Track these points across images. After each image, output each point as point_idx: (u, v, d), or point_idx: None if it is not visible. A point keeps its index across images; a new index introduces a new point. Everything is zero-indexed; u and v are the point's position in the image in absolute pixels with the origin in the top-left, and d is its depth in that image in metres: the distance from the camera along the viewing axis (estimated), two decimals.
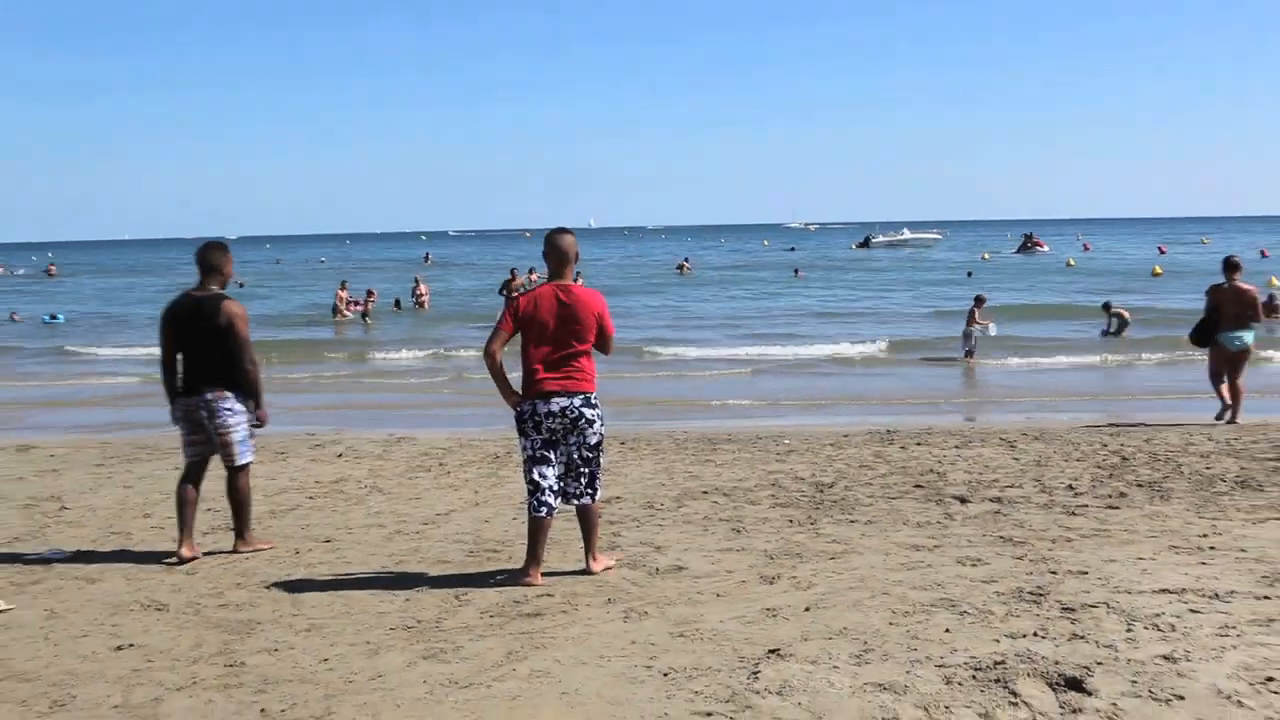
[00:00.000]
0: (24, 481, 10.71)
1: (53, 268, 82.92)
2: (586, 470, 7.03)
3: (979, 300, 23.32)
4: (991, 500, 8.80)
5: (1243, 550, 7.16)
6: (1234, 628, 5.66)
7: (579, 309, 6.89)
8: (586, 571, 7.14)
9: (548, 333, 6.86)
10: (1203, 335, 13.81)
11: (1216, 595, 6.22)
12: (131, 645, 5.97)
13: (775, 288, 50.07)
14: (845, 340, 26.35)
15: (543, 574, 6.99)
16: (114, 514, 9.23)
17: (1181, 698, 4.78)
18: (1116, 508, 8.47)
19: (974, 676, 5.09)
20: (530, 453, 6.97)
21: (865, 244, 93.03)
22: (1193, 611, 5.93)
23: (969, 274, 50.95)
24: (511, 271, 32.65)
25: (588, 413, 6.91)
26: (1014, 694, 4.88)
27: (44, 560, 7.75)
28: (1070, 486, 9.23)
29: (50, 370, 24.19)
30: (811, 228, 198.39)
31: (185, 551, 7.76)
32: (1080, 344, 25.91)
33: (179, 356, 7.78)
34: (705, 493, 9.43)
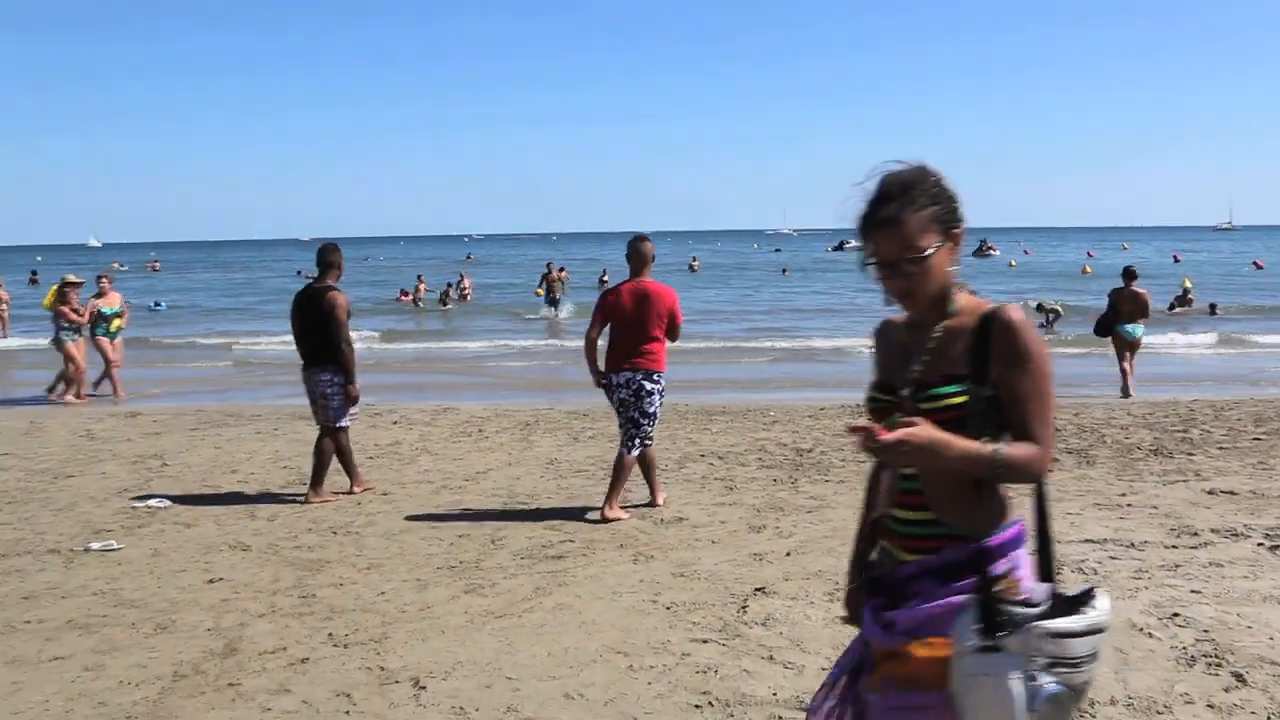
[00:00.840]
0: (131, 442, 10.75)
1: (156, 263, 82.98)
2: (635, 430, 7.29)
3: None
4: None
5: (1155, 508, 7.16)
6: (1146, 572, 5.68)
7: (654, 302, 7.27)
8: (601, 516, 7.20)
9: (627, 321, 7.28)
10: (1103, 328, 14.76)
11: (1132, 544, 6.23)
12: (221, 579, 6.02)
13: (770, 284, 49.74)
14: (829, 331, 26.15)
15: (567, 523, 7.05)
16: (206, 470, 9.26)
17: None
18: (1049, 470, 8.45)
19: None
20: (614, 410, 7.53)
21: (839, 247, 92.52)
22: (1112, 558, 5.95)
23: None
24: (548, 265, 32.40)
25: (647, 385, 7.25)
26: None
27: (149, 508, 7.80)
28: None
29: (151, 354, 24.12)
30: (794, 233, 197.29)
31: (356, 489, 8.23)
32: None
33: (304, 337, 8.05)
34: (703, 456, 9.44)
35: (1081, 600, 2.16)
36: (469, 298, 39.08)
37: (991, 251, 71.64)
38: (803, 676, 4.37)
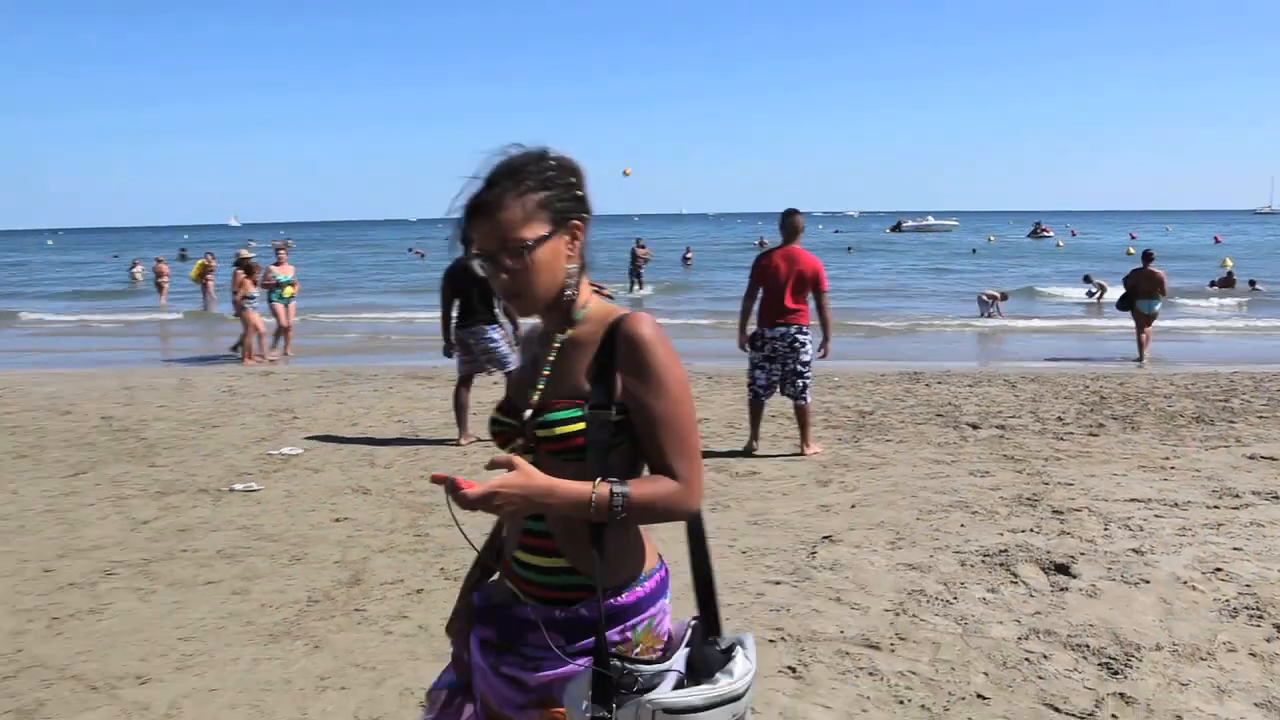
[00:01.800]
0: (266, 397, 11.02)
1: (290, 242, 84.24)
2: (799, 380, 7.65)
3: (1002, 293, 22.89)
4: (996, 427, 8.63)
5: (1197, 471, 6.94)
6: (1190, 530, 5.52)
7: (801, 267, 7.59)
8: (800, 454, 7.67)
9: (778, 283, 7.58)
10: (1125, 303, 15.65)
11: (1176, 504, 6.05)
12: (346, 518, 6.15)
13: (836, 262, 48.95)
14: (890, 306, 25.82)
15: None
16: (330, 422, 9.45)
17: (1148, 581, 4.68)
18: (1096, 435, 8.25)
19: (983, 560, 5.03)
20: (752, 362, 7.85)
21: (897, 228, 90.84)
22: (1157, 516, 5.79)
23: (974, 251, 49.59)
24: (637, 240, 32.05)
25: (800, 338, 7.64)
26: (1014, 575, 4.81)
27: (283, 455, 8.00)
28: (1059, 418, 9.01)
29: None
30: (858, 214, 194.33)
31: (464, 441, 8.34)
32: (1064, 311, 25.20)
33: (455, 302, 8.25)
34: (773, 417, 9.34)
35: (725, 659, 1.77)
36: None
37: (1046, 233, 69.63)
38: (867, 616, 4.33)
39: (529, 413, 1.77)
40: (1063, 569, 4.86)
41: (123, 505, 6.56)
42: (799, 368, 7.63)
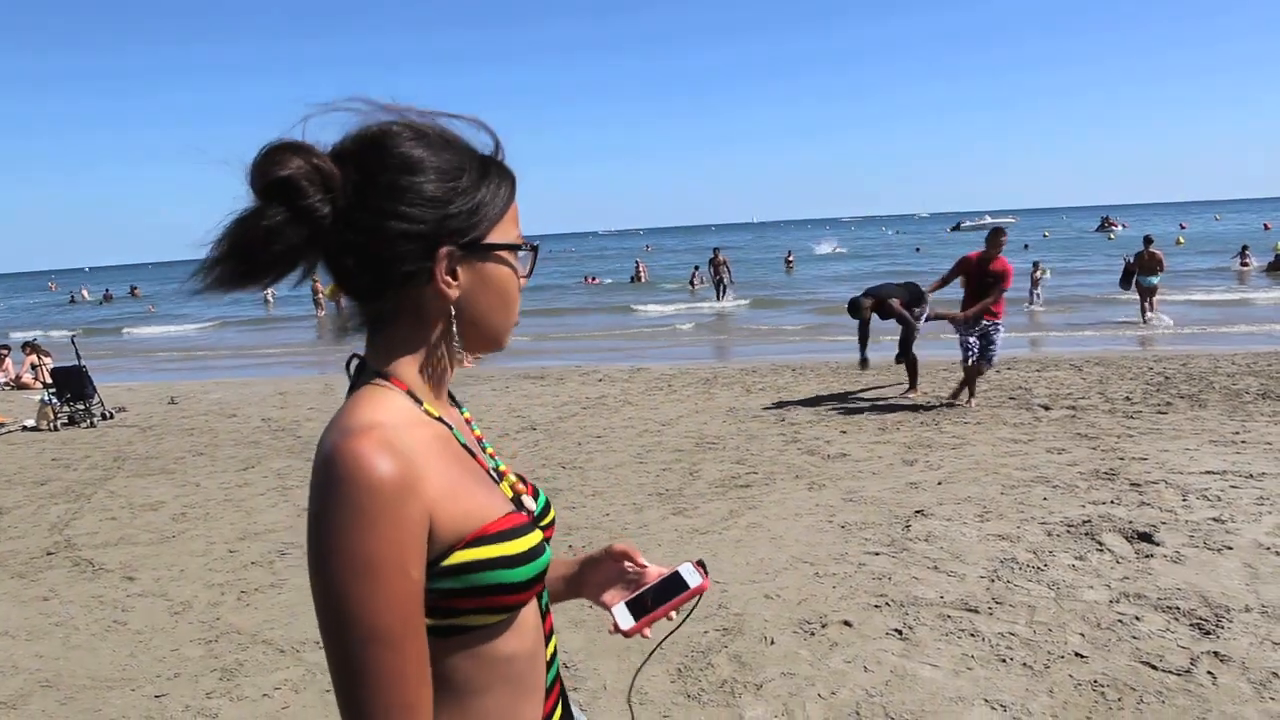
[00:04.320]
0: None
1: None
2: (986, 351, 8.65)
3: (1036, 265, 22.25)
4: (1068, 408, 8.37)
5: (1269, 443, 6.63)
6: (1268, 499, 5.28)
7: (994, 268, 8.49)
8: (964, 401, 8.67)
9: (972, 280, 8.63)
10: (1126, 281, 17.21)
11: (1251, 475, 5.80)
12: None
13: (906, 260, 48.14)
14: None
15: (750, 458, 7.06)
16: (501, 418, 9.63)
17: (1230, 548, 4.50)
18: (1165, 413, 7.94)
19: (1068, 530, 4.90)
20: (961, 338, 8.79)
21: (957, 228, 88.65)
22: (1233, 487, 5.55)
23: (1025, 246, 48.04)
24: (715, 250, 31.23)
25: (988, 324, 8.60)
26: (1100, 543, 4.68)
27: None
28: (1127, 398, 8.70)
29: None
30: (928, 215, 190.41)
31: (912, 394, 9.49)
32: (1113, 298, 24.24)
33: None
34: (857, 403, 9.27)
35: None
36: (644, 278, 39.33)
37: (1114, 226, 64.83)
38: (964, 583, 4.26)
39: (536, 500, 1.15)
40: (1146, 537, 4.70)
41: (288, 494, 6.81)
42: (988, 346, 8.63)
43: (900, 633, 3.78)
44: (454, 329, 1.04)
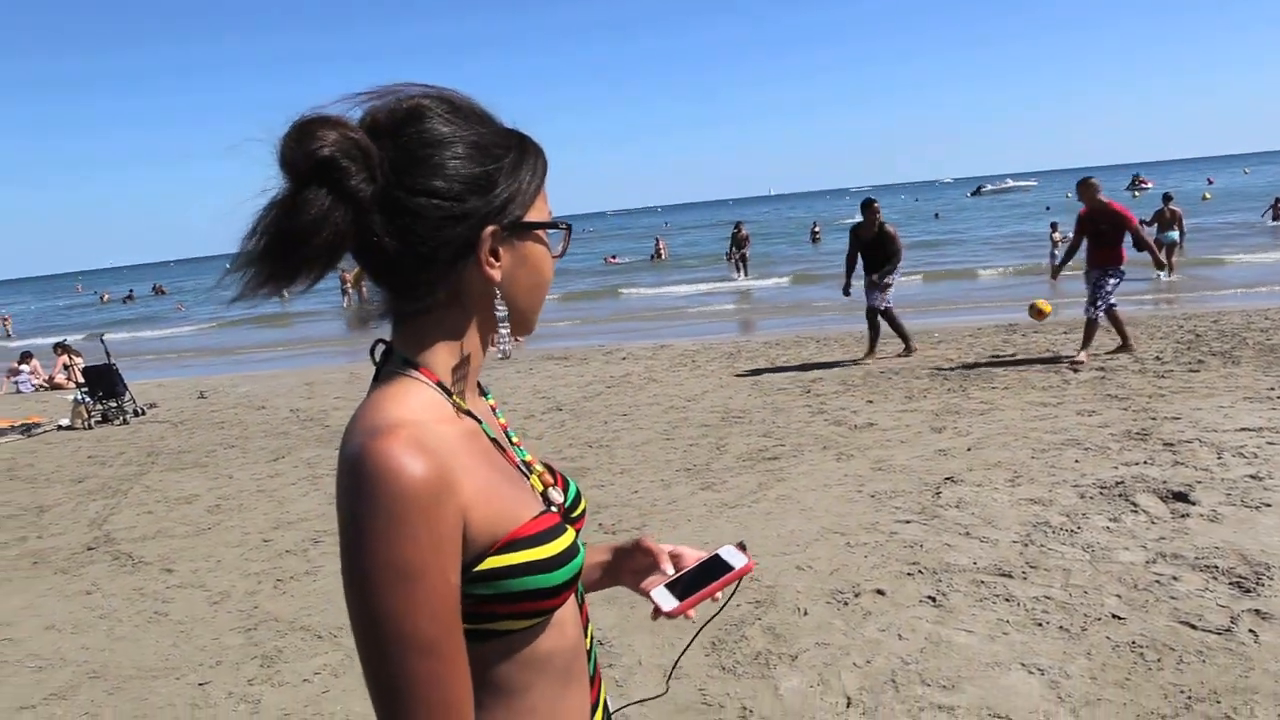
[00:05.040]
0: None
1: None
2: (1094, 299, 8.65)
3: (1054, 226, 22.00)
4: (1097, 369, 8.27)
5: None
6: None
7: (1105, 217, 8.56)
8: (1071, 364, 8.53)
9: (1088, 235, 8.70)
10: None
11: None
12: None
13: (925, 225, 47.70)
14: (971, 259, 25.01)
15: (776, 431, 7.05)
16: (527, 399, 9.67)
17: (1269, 505, 4.44)
18: (1197, 371, 7.83)
19: (1101, 493, 4.86)
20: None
21: (977, 192, 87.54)
22: (1270, 444, 5.47)
23: (1046, 208, 47.38)
24: (737, 224, 30.58)
25: (1098, 271, 8.65)
26: (1134, 504, 4.64)
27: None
28: (1158, 357, 8.59)
29: None
30: (951, 180, 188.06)
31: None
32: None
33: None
34: (883, 372, 9.22)
35: None
36: (664, 256, 39.22)
37: (1145, 185, 62.85)
38: (997, 548, 4.24)
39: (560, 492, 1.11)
40: (1181, 497, 4.65)
41: (319, 483, 6.88)
42: (1097, 290, 8.64)
43: (934, 600, 3.77)
44: (497, 312, 1.00)
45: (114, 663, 4.05)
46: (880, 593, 3.89)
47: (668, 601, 1.15)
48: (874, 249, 9.84)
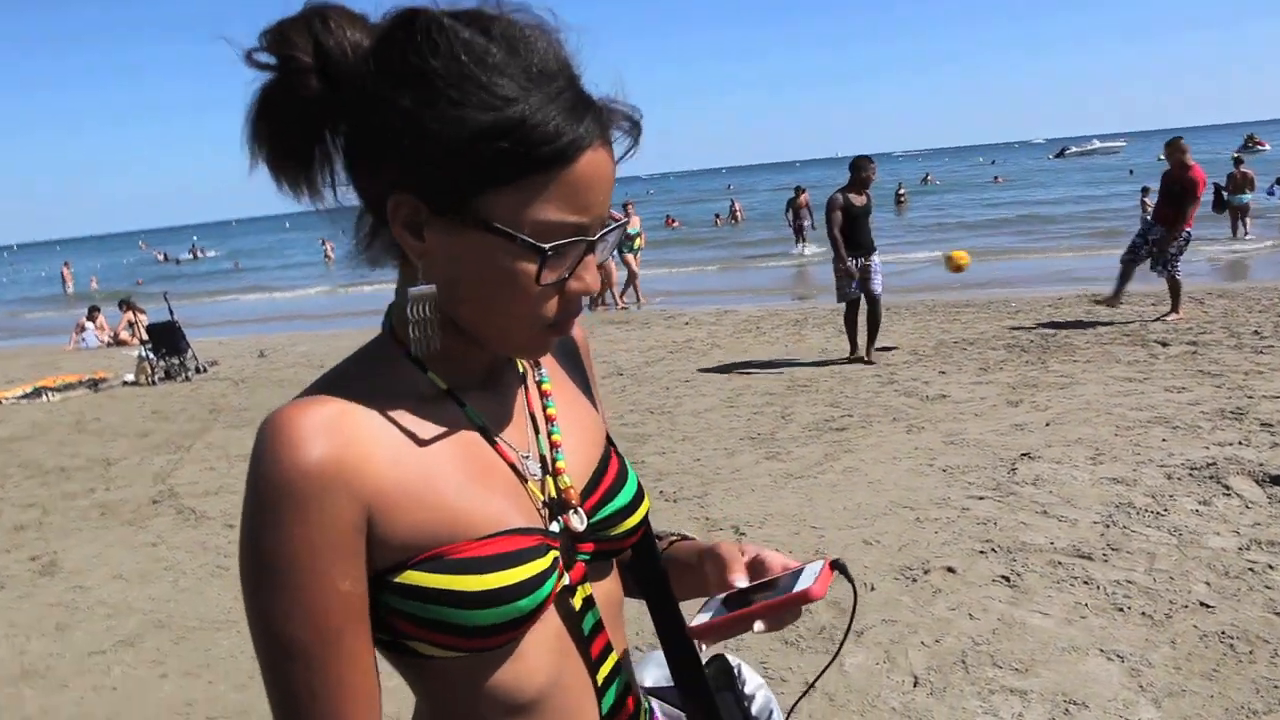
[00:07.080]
0: None
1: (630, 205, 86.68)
2: (1161, 260, 9.09)
3: (1145, 190, 21.05)
4: (1188, 344, 7.99)
5: None
6: None
7: (1181, 179, 8.89)
8: (1162, 318, 9.11)
9: (1164, 194, 9.16)
10: (1219, 205, 16.21)
11: None
12: None
13: (979, 191, 46.48)
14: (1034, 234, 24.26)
15: (844, 400, 6.98)
16: None
17: None
18: None
19: (1190, 474, 4.70)
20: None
21: (1061, 154, 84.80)
22: None
23: (1130, 171, 45.71)
24: (796, 189, 30.17)
25: (1158, 229, 9.17)
26: (1227, 487, 4.48)
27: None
28: (1256, 332, 8.25)
29: None
30: (1017, 145, 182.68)
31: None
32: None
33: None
34: (955, 343, 9.03)
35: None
36: (740, 218, 38.71)
37: (1261, 146, 59.11)
38: (1076, 528, 4.14)
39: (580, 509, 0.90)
40: (1279, 481, 4.48)
41: None
42: (1158, 254, 9.08)
43: (1008, 579, 3.71)
44: (409, 313, 0.80)
45: (179, 613, 4.20)
46: (951, 570, 3.84)
47: (700, 616, 0.95)
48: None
